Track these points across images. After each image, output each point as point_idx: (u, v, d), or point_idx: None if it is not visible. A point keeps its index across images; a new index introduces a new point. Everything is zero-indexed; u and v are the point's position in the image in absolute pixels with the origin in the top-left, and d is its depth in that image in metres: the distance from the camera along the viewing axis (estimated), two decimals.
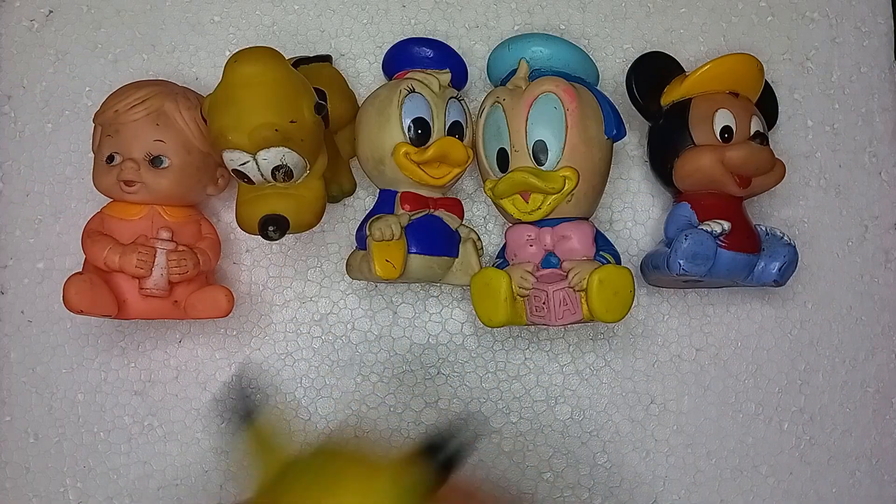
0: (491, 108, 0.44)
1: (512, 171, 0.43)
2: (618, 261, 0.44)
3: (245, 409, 0.33)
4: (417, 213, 0.43)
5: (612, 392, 0.49)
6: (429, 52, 0.46)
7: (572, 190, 0.42)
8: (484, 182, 0.45)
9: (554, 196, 0.42)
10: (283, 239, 0.41)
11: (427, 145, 0.43)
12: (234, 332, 0.48)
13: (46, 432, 0.47)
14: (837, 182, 0.52)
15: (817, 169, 0.52)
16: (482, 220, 0.50)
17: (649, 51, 0.48)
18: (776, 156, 0.45)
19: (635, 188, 0.51)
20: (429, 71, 0.45)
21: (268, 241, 0.44)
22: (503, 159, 0.44)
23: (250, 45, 0.40)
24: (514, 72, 0.45)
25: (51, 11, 0.51)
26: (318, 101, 0.40)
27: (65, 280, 0.41)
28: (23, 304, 0.48)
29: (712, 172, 0.44)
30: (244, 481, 0.33)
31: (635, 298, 0.42)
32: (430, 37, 0.50)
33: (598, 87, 0.46)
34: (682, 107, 0.46)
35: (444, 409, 0.48)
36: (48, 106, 0.50)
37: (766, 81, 0.48)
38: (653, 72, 0.47)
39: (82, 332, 0.48)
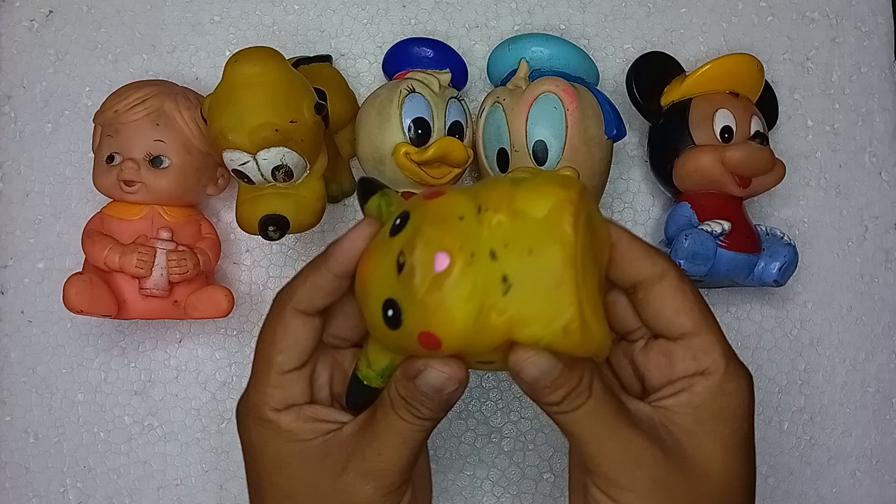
0: (491, 108, 0.44)
1: (512, 171, 0.43)
2: None
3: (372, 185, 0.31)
4: None
5: None
6: (429, 52, 0.46)
7: None
8: None
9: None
10: (283, 239, 0.41)
11: (427, 145, 0.43)
12: (234, 332, 0.48)
13: (46, 432, 0.47)
14: (837, 182, 0.52)
15: (817, 169, 0.52)
16: None
17: (649, 51, 0.48)
18: (776, 156, 0.45)
19: (635, 188, 0.51)
20: (429, 71, 0.45)
21: (268, 241, 0.44)
22: (503, 159, 0.44)
23: (250, 45, 0.40)
24: (514, 72, 0.45)
25: (51, 11, 0.51)
26: (318, 101, 0.40)
27: (65, 280, 0.41)
28: (23, 304, 0.48)
29: (712, 172, 0.44)
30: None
31: None
32: (430, 37, 0.50)
33: (598, 87, 0.46)
34: (682, 107, 0.46)
35: None
36: (48, 106, 0.50)
37: (766, 81, 0.48)
38: (653, 72, 0.47)
39: (82, 332, 0.48)
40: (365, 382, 0.30)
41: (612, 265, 0.29)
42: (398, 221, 0.27)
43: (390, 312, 0.26)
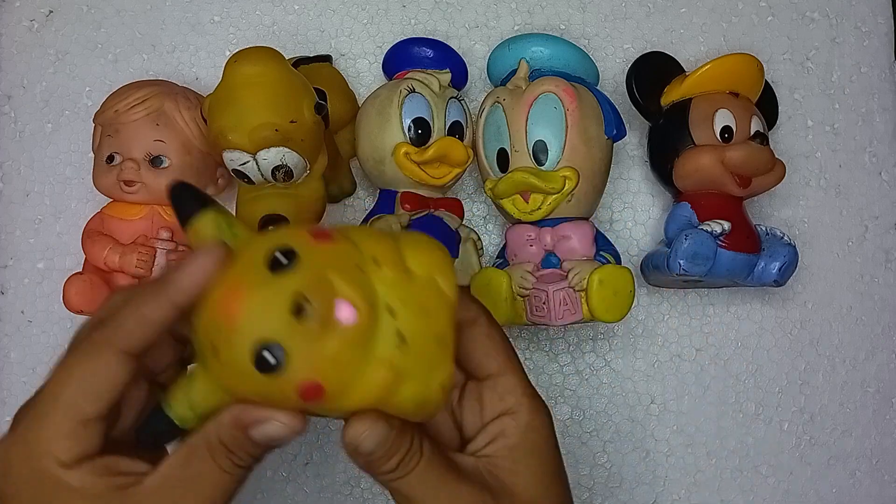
0: (491, 108, 0.44)
1: (512, 171, 0.43)
2: (618, 261, 0.44)
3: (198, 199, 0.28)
4: (417, 213, 0.43)
5: (612, 392, 0.49)
6: (429, 52, 0.46)
7: (572, 190, 0.42)
8: (484, 182, 0.45)
9: (554, 196, 0.42)
10: None
11: (427, 145, 0.43)
12: None
13: None
14: (837, 182, 0.52)
15: (817, 169, 0.52)
16: (482, 220, 0.50)
17: (649, 51, 0.48)
18: (776, 156, 0.45)
19: (635, 188, 0.51)
20: (429, 71, 0.45)
21: None
22: (503, 159, 0.44)
23: (250, 45, 0.40)
24: (514, 72, 0.45)
25: (51, 11, 0.51)
26: (318, 101, 0.40)
27: (65, 280, 0.41)
28: (23, 304, 0.48)
29: (712, 172, 0.44)
30: None
31: (635, 298, 0.42)
32: (430, 37, 0.50)
33: (598, 87, 0.46)
34: (682, 107, 0.46)
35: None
36: (48, 106, 0.50)
37: (766, 81, 0.48)
38: (653, 72, 0.47)
39: None
40: (176, 422, 0.27)
41: None
42: (281, 258, 0.25)
43: (267, 356, 0.24)
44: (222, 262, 0.26)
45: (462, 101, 0.45)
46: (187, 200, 0.27)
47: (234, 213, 0.41)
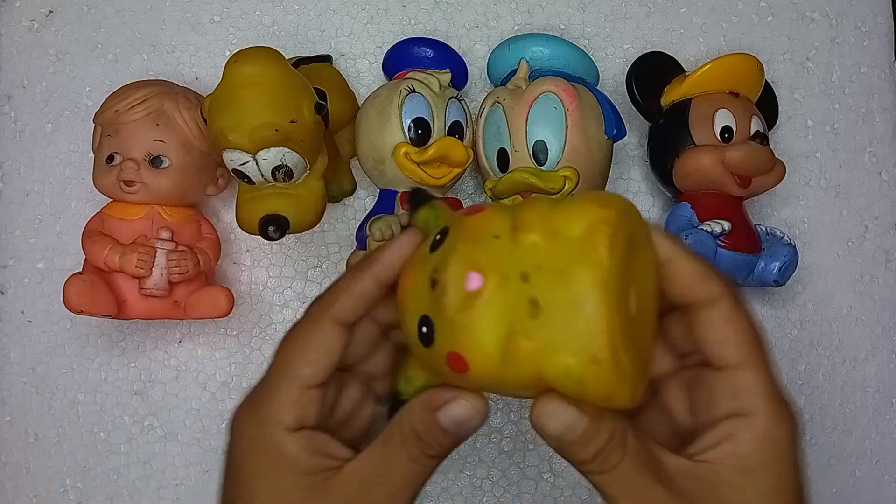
0: (491, 108, 0.44)
1: (512, 171, 0.43)
2: None
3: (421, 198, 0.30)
4: None
5: None
6: (429, 52, 0.46)
7: (572, 190, 0.42)
8: (484, 182, 0.45)
9: (554, 196, 0.42)
10: (283, 239, 0.41)
11: (427, 145, 0.43)
12: (234, 332, 0.48)
13: (46, 432, 0.47)
14: (837, 182, 0.52)
15: (817, 169, 0.52)
16: None
17: (649, 51, 0.48)
18: (776, 156, 0.45)
19: (635, 188, 0.51)
20: (429, 71, 0.45)
21: (268, 241, 0.44)
22: (503, 159, 0.44)
23: (250, 45, 0.40)
24: (514, 72, 0.45)
25: (51, 11, 0.51)
26: (318, 101, 0.40)
27: (65, 280, 0.41)
28: (23, 304, 0.48)
29: (712, 172, 0.44)
30: None
31: None
32: (430, 37, 0.50)
33: (598, 87, 0.46)
34: (682, 107, 0.46)
35: None
36: (48, 106, 0.50)
37: (766, 81, 0.48)
38: (653, 72, 0.47)
39: (82, 332, 0.48)
40: (402, 398, 0.29)
41: (662, 284, 0.27)
42: (438, 237, 0.26)
43: (424, 329, 0.25)
44: (413, 245, 0.28)
45: (462, 101, 0.45)
46: (413, 200, 0.29)
47: (236, 219, 0.41)
